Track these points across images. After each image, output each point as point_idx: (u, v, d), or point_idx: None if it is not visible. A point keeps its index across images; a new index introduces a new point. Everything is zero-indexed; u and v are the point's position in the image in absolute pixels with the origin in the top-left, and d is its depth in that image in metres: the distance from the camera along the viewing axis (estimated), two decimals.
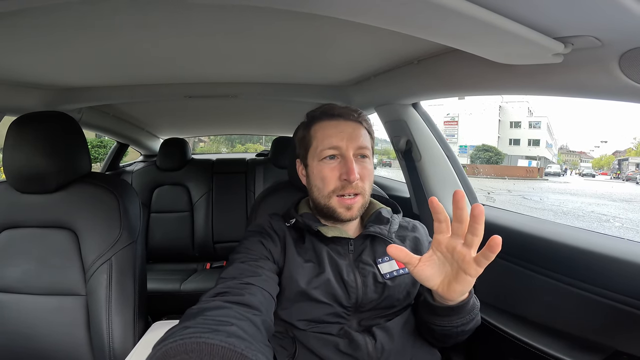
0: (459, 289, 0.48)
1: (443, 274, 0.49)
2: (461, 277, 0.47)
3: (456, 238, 0.46)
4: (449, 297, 0.50)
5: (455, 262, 0.47)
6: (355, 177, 0.59)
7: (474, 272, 0.45)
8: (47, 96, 1.10)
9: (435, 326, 0.56)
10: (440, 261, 0.49)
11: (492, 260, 0.43)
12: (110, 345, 0.73)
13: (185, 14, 0.59)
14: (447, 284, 0.49)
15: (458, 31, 0.45)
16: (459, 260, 0.46)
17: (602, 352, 0.61)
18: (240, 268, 0.55)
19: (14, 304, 0.75)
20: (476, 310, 0.56)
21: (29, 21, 0.58)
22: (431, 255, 0.49)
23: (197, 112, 1.71)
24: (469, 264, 0.45)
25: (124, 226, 0.78)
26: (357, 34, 0.68)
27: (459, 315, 0.54)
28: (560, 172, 18.18)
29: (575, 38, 0.45)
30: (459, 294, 0.50)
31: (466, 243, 0.45)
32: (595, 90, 0.53)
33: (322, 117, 0.66)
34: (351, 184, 0.60)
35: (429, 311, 0.56)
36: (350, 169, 0.60)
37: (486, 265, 0.44)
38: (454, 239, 0.47)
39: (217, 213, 1.81)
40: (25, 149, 0.73)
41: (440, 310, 0.54)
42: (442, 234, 0.47)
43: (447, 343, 0.62)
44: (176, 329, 0.39)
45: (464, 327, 0.56)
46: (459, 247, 0.46)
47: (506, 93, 0.71)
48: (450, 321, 0.54)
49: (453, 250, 0.47)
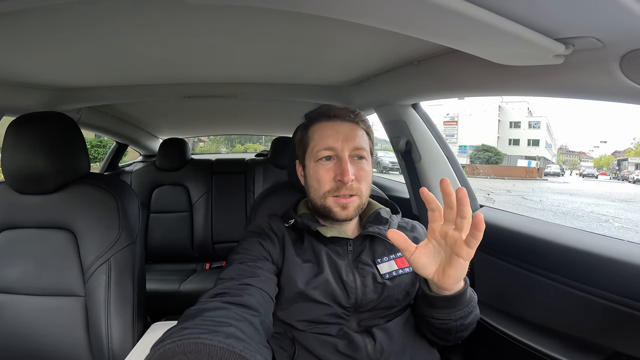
0: (454, 273, 0.49)
1: (438, 261, 0.51)
2: (454, 261, 0.48)
3: (448, 224, 0.48)
4: (445, 284, 0.51)
5: (448, 247, 0.49)
6: (349, 178, 0.59)
7: (466, 254, 0.47)
8: (45, 96, 1.09)
9: (433, 320, 0.57)
10: (435, 249, 0.50)
11: (481, 239, 0.45)
12: (109, 346, 0.73)
13: (185, 14, 0.59)
14: (442, 270, 0.50)
15: (458, 32, 0.45)
16: (452, 244, 0.48)
17: (601, 353, 0.61)
18: (239, 269, 0.55)
19: (12, 304, 0.74)
20: (474, 302, 0.57)
21: (28, 21, 0.58)
22: (427, 244, 0.51)
23: (196, 112, 1.71)
24: (460, 246, 0.46)
25: (122, 227, 0.78)
26: (357, 34, 0.68)
27: (456, 307, 0.55)
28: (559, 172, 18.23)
29: (576, 39, 0.45)
30: (454, 279, 0.51)
31: (457, 227, 0.47)
32: (596, 91, 0.53)
33: (319, 118, 0.66)
34: (346, 185, 0.60)
35: (428, 304, 0.56)
36: (344, 170, 0.60)
37: (476, 245, 0.46)
38: (446, 225, 0.49)
39: (216, 213, 1.81)
40: (23, 150, 0.72)
41: (437, 301, 0.54)
42: (435, 222, 0.49)
43: (447, 340, 0.62)
44: (174, 330, 0.39)
45: (463, 321, 0.56)
46: (450, 232, 0.48)
47: (507, 94, 0.71)
48: (448, 313, 0.55)
49: (446, 235, 0.48)
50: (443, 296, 0.53)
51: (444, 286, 0.52)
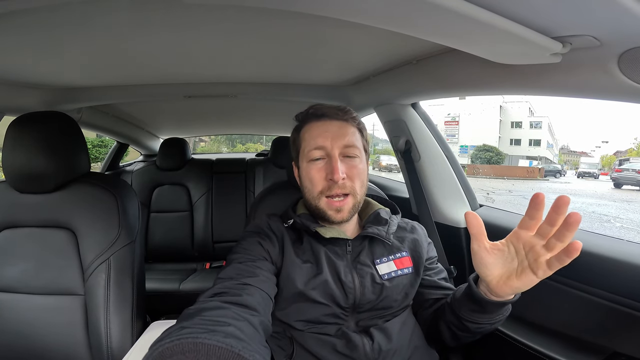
0: (516, 285, 0.48)
1: (505, 267, 0.49)
2: (526, 275, 0.46)
3: (539, 238, 0.45)
4: (501, 291, 0.50)
5: (525, 260, 0.47)
6: (339, 176, 0.59)
7: (542, 274, 0.45)
8: (46, 96, 1.10)
9: (471, 323, 0.56)
10: (510, 255, 0.48)
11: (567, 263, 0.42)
12: (108, 344, 0.73)
13: (184, 14, 0.59)
14: (506, 278, 0.49)
15: (455, 31, 0.45)
16: (532, 258, 0.46)
17: (600, 353, 0.61)
18: (238, 268, 0.55)
19: (12, 303, 0.75)
20: (511, 306, 0.56)
21: (29, 21, 0.58)
22: (503, 247, 0.48)
23: (196, 112, 1.71)
24: (540, 264, 0.44)
25: (122, 226, 0.78)
26: (356, 34, 0.68)
27: (500, 313, 0.54)
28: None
29: (573, 38, 0.45)
30: (513, 291, 0.49)
31: (547, 245, 0.44)
32: (594, 90, 0.53)
33: (309, 118, 0.65)
34: (337, 184, 0.60)
35: (474, 307, 0.55)
36: (334, 168, 0.59)
37: (558, 268, 0.43)
38: (536, 237, 0.46)
39: (216, 213, 1.81)
40: (24, 149, 0.73)
41: (489, 305, 0.53)
42: (525, 230, 0.47)
43: (465, 341, 0.62)
44: (173, 329, 0.39)
45: (497, 325, 0.57)
46: (538, 247, 0.45)
47: (505, 93, 0.71)
48: (490, 318, 0.55)
49: (531, 247, 0.46)
50: (495, 301, 0.52)
51: (499, 293, 0.50)
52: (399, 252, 0.65)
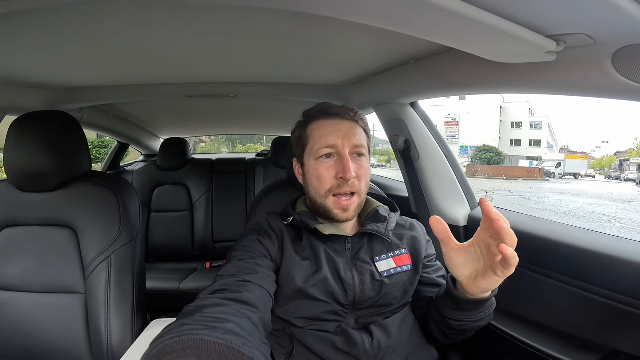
0: (483, 285, 0.50)
1: (474, 267, 0.51)
2: (489, 275, 0.48)
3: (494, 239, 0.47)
4: (472, 291, 0.52)
5: (488, 260, 0.49)
6: (351, 175, 0.60)
7: (501, 273, 0.46)
8: (48, 96, 1.10)
9: (453, 321, 0.57)
10: (477, 255, 0.50)
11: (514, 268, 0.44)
12: (108, 342, 0.73)
13: (185, 14, 0.59)
14: (473, 278, 0.50)
15: (451, 30, 0.46)
16: (490, 259, 0.48)
17: (600, 352, 0.61)
18: (238, 266, 0.56)
19: (13, 301, 0.75)
20: (494, 305, 0.57)
21: (30, 21, 0.59)
22: (470, 246, 0.50)
23: (197, 112, 1.72)
24: (497, 265, 0.46)
25: (123, 224, 0.78)
26: (355, 33, 0.68)
27: (479, 310, 0.55)
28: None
29: (567, 36, 0.45)
30: (481, 290, 0.51)
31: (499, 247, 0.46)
32: (589, 88, 0.53)
33: (318, 116, 0.66)
34: (347, 183, 0.60)
35: (453, 305, 0.56)
36: (346, 167, 0.60)
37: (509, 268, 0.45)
38: (491, 238, 0.48)
39: (217, 212, 1.81)
40: (26, 148, 0.73)
41: (464, 303, 0.54)
42: (485, 231, 0.49)
43: (455, 340, 0.63)
44: (173, 326, 0.39)
45: (481, 322, 0.58)
46: (492, 247, 0.47)
47: (501, 92, 0.71)
48: (471, 316, 0.56)
49: (487, 248, 0.48)
50: (471, 299, 0.53)
51: (471, 292, 0.52)
52: (398, 250, 0.65)
